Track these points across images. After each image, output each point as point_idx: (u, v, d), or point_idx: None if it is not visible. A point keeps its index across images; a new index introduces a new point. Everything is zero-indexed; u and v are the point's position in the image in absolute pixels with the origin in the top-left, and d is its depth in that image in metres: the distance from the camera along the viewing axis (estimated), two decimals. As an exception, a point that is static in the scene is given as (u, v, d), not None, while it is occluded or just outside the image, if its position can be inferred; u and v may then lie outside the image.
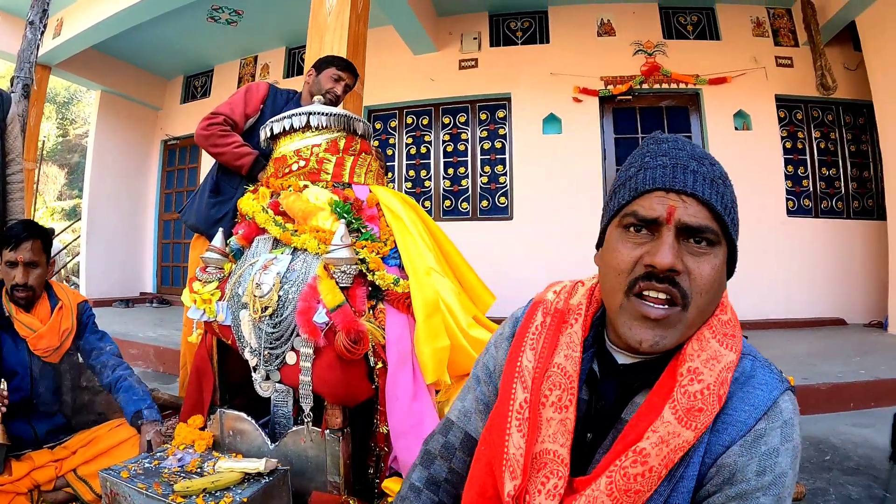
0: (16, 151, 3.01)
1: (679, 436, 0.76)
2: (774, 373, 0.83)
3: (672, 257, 0.78)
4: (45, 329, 2.24)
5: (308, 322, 1.76)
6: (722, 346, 0.82)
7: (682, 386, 0.78)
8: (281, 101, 2.92)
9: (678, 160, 0.83)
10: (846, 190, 6.10)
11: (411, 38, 6.48)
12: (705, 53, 6.15)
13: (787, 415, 0.79)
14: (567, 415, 0.86)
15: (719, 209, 0.81)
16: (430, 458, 1.08)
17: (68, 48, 6.69)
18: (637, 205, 0.84)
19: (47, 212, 16.44)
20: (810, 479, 2.50)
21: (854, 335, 5.19)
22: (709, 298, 0.82)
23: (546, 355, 0.92)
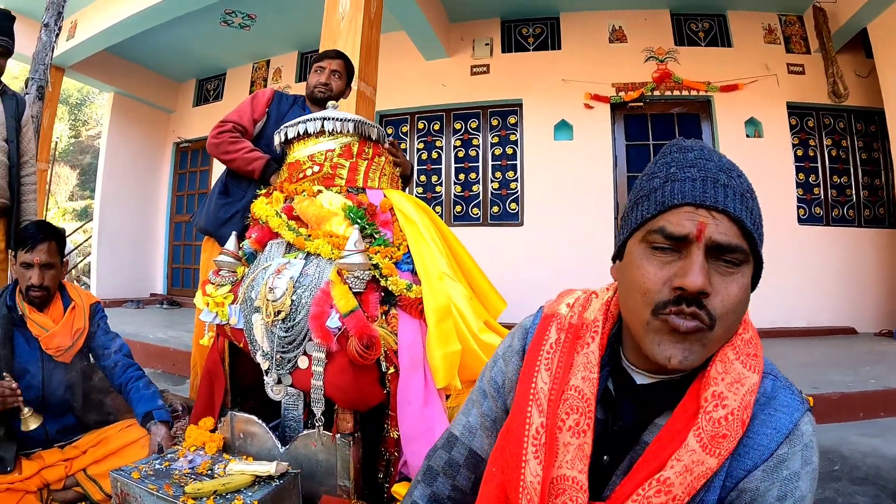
0: (30, 153, 3.07)
1: (703, 463, 0.74)
2: (796, 394, 0.82)
3: (703, 279, 0.75)
4: (58, 328, 2.26)
5: (321, 327, 1.77)
6: (745, 367, 0.80)
7: (707, 412, 0.76)
8: (286, 106, 2.95)
9: (707, 172, 0.80)
10: (857, 198, 6.05)
11: (423, 44, 6.50)
12: (717, 60, 6.12)
13: (807, 438, 0.77)
14: (585, 440, 0.83)
15: (749, 226, 0.78)
16: (433, 475, 1.05)
17: (82, 50, 6.76)
18: (664, 220, 0.80)
19: (59, 212, 16.55)
20: (819, 489, 2.47)
21: (864, 344, 5.14)
22: (735, 318, 0.80)
23: (562, 376, 0.89)
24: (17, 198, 2.97)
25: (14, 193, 2.96)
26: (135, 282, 8.48)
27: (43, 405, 2.24)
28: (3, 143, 2.90)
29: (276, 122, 2.79)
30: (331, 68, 2.94)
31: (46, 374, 2.26)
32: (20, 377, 2.19)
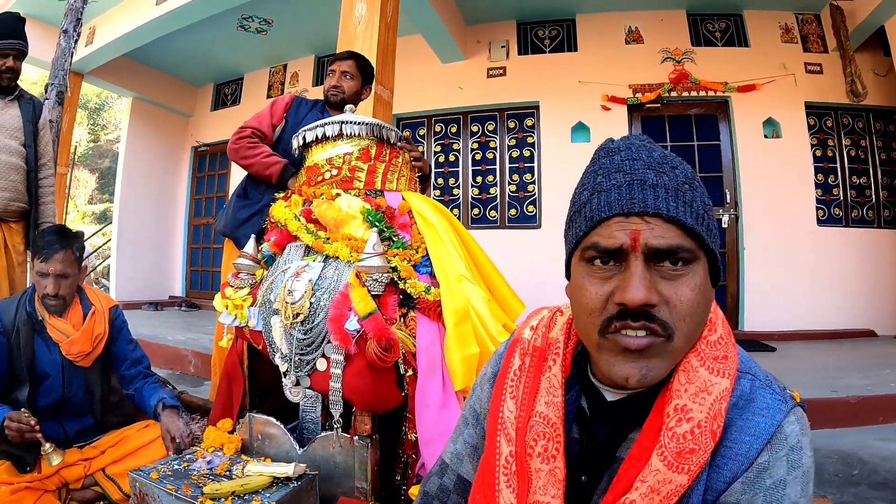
0: (47, 156, 3.11)
1: (671, 482, 0.70)
2: (776, 392, 0.76)
3: (644, 290, 0.70)
4: (79, 335, 2.27)
5: (339, 329, 1.77)
6: (712, 373, 0.74)
7: (670, 428, 0.72)
8: (304, 110, 2.95)
9: (634, 175, 0.75)
10: (877, 199, 5.96)
11: (440, 47, 6.49)
12: (734, 60, 6.05)
13: (792, 440, 0.72)
14: (556, 464, 0.81)
15: (690, 223, 0.73)
16: (429, 499, 1.04)
17: (100, 56, 6.83)
18: (596, 235, 0.76)
19: (78, 215, 16.73)
20: (837, 493, 2.46)
21: (884, 347, 5.05)
22: (695, 322, 0.74)
23: (528, 402, 0.87)
24: (35, 201, 3.02)
25: (32, 197, 3.00)
26: (153, 284, 8.55)
27: (62, 407, 2.28)
28: (20, 147, 2.96)
29: (294, 127, 2.79)
30: (341, 70, 2.93)
31: (67, 378, 2.28)
32: (41, 381, 2.23)
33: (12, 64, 2.92)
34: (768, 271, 5.74)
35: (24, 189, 2.96)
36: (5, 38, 2.88)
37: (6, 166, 2.88)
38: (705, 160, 6.03)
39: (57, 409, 2.26)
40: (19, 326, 2.20)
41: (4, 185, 2.88)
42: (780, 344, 5.22)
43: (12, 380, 2.18)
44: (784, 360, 4.58)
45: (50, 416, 2.24)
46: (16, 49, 2.91)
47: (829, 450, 2.94)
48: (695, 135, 6.11)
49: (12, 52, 2.91)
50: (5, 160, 2.88)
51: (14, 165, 2.92)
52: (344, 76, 2.92)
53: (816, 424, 3.24)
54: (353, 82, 2.93)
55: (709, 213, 0.78)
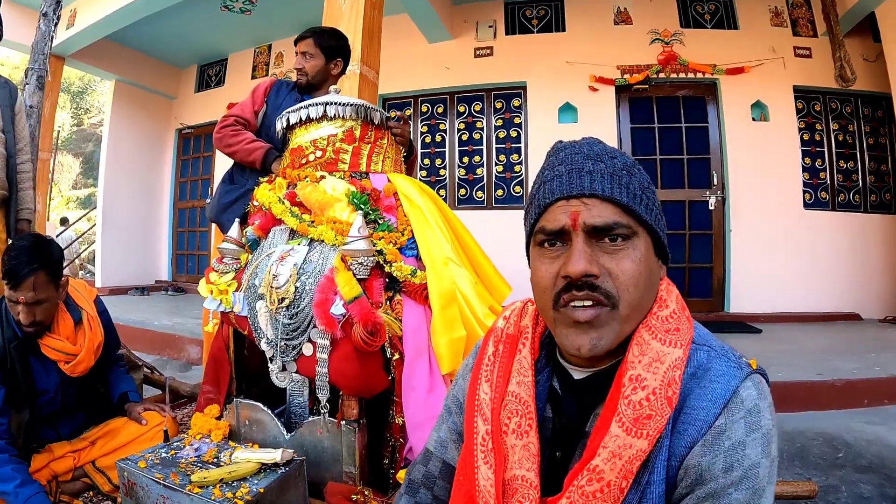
0: (24, 141, 3.01)
1: (631, 447, 0.74)
2: (732, 360, 0.80)
3: (584, 262, 0.78)
4: (84, 354, 2.14)
5: (325, 313, 1.76)
6: (665, 343, 0.79)
7: (626, 396, 0.76)
8: (284, 92, 2.89)
9: (573, 164, 0.84)
10: (864, 183, 5.99)
11: (426, 26, 6.43)
12: (723, 43, 6.04)
13: (749, 403, 0.75)
14: (529, 439, 0.86)
15: (625, 201, 0.80)
16: (415, 487, 1.08)
17: (82, 39, 6.71)
18: (543, 220, 0.84)
19: (62, 201, 16.59)
20: (822, 476, 2.49)
21: (870, 331, 5.11)
22: (639, 293, 0.80)
23: (501, 384, 0.93)
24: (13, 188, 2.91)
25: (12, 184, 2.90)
26: (139, 269, 8.51)
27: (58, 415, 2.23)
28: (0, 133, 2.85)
29: (275, 111, 2.75)
30: (300, 51, 2.83)
31: (64, 392, 2.20)
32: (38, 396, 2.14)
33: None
34: (755, 254, 5.78)
35: (3, 176, 2.84)
36: None
37: None
38: (693, 142, 6.04)
39: (53, 417, 2.22)
40: (10, 349, 2.02)
41: None
42: (766, 326, 5.27)
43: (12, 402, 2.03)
44: (770, 342, 4.62)
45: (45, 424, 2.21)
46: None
47: (814, 432, 2.97)
48: (683, 117, 6.10)
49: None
50: None
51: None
52: (304, 56, 2.82)
53: (802, 407, 3.28)
54: (314, 61, 2.82)
55: (648, 194, 0.84)
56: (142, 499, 1.70)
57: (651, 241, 0.84)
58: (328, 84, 2.79)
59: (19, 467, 1.88)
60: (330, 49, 2.83)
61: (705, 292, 5.94)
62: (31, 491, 1.82)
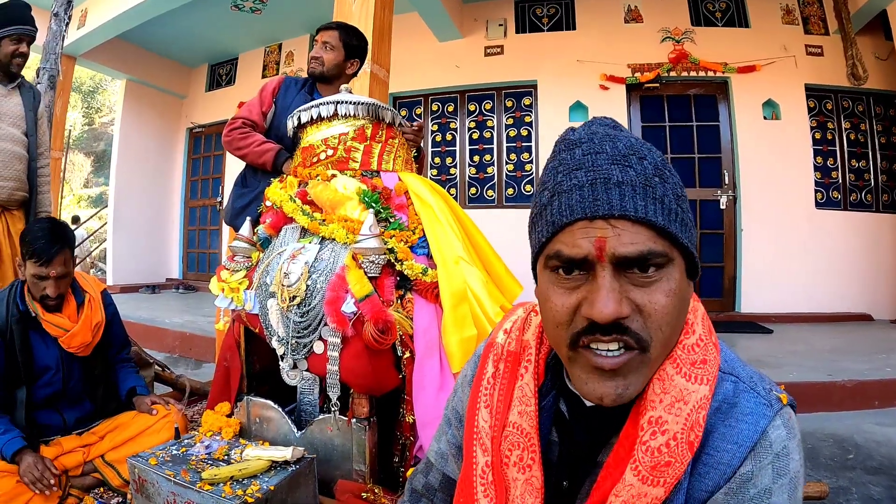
0: (44, 145, 3.13)
1: (646, 495, 0.67)
2: (761, 396, 0.71)
3: (614, 304, 0.64)
4: (79, 327, 2.25)
5: (336, 312, 1.76)
6: (689, 380, 0.70)
7: (644, 442, 0.68)
8: (293, 91, 2.87)
9: (597, 172, 0.68)
10: (876, 182, 5.94)
11: (436, 25, 6.43)
12: (734, 41, 6.00)
13: (778, 446, 0.67)
14: (532, 473, 0.78)
15: (661, 223, 0.66)
16: (416, 497, 1.04)
17: (93, 38, 6.74)
18: (559, 242, 0.69)
19: (74, 199, 16.69)
20: (833, 477, 2.47)
21: (880, 331, 5.07)
22: (671, 329, 0.69)
23: (502, 411, 0.84)
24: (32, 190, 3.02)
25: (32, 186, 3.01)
26: (150, 267, 8.54)
27: (62, 398, 2.28)
28: (23, 136, 2.96)
29: (283, 110, 2.75)
30: (321, 40, 2.81)
31: (66, 371, 2.28)
32: (40, 376, 2.22)
33: (26, 49, 2.93)
34: (766, 253, 5.74)
35: (25, 178, 2.97)
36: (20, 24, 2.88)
37: (10, 156, 2.88)
38: (704, 141, 6.01)
39: (56, 399, 2.27)
40: (12, 325, 2.16)
41: (9, 174, 2.88)
42: (777, 326, 5.23)
43: (11, 379, 2.15)
44: (781, 342, 4.59)
45: (49, 407, 2.25)
46: (29, 35, 2.92)
47: (824, 433, 2.95)
48: (694, 115, 6.07)
49: (26, 37, 2.91)
50: (10, 149, 2.88)
51: (18, 155, 2.92)
52: (325, 46, 2.80)
53: (812, 407, 3.26)
54: (333, 53, 2.80)
55: (682, 205, 0.71)
56: (152, 495, 1.71)
57: (684, 262, 0.71)
58: (339, 82, 2.77)
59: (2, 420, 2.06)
60: (352, 48, 2.83)
61: (716, 292, 5.90)
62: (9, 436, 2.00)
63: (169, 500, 1.67)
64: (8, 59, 2.88)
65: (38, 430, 2.18)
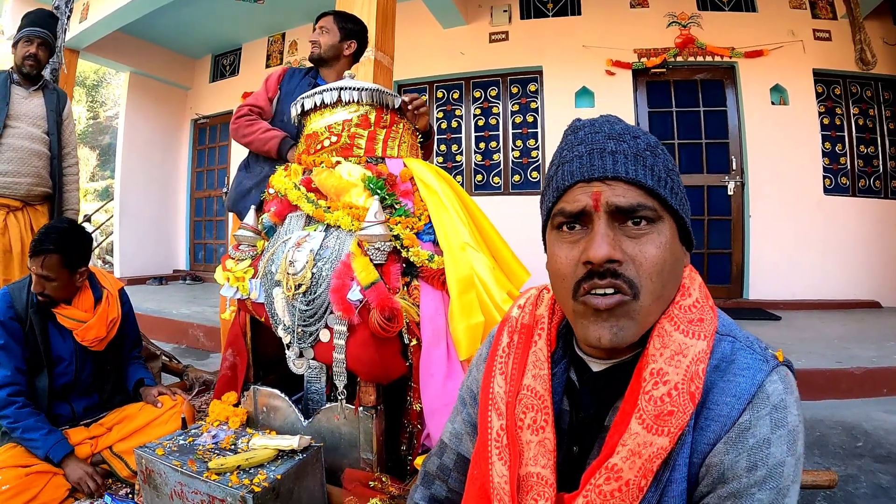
0: (71, 146, 3.35)
1: (652, 444, 0.70)
2: (757, 352, 0.76)
3: (607, 247, 0.73)
4: (94, 320, 2.29)
5: (342, 299, 1.75)
6: (687, 335, 0.75)
7: (647, 392, 0.73)
8: (297, 79, 2.93)
9: (594, 145, 0.78)
10: (884, 168, 5.88)
11: (440, 12, 6.39)
12: (741, 25, 5.92)
13: (775, 398, 0.71)
14: (545, 435, 0.82)
15: (650, 183, 0.75)
16: (430, 479, 1.07)
17: (95, 32, 6.70)
18: (562, 202, 0.79)
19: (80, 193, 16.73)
20: (842, 465, 2.46)
21: (889, 319, 5.04)
22: (662, 281, 0.75)
23: (516, 377, 0.89)
24: (58, 188, 3.21)
25: (56, 183, 3.20)
26: (157, 259, 8.56)
27: (73, 388, 2.31)
28: (44, 135, 3.15)
29: (287, 97, 2.79)
30: (319, 26, 2.89)
31: (80, 363, 2.31)
32: (55, 365, 2.25)
33: (35, 51, 3.08)
34: (774, 239, 5.70)
35: (46, 174, 3.15)
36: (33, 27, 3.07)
37: (28, 153, 3.06)
38: (711, 126, 5.95)
39: (67, 390, 2.30)
40: (31, 314, 2.21)
41: (27, 170, 3.06)
42: (785, 313, 5.21)
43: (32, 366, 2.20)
44: (789, 329, 4.57)
45: (59, 397, 2.28)
46: (40, 37, 3.08)
47: (833, 421, 2.94)
48: (701, 101, 6.02)
49: (37, 38, 3.07)
50: (28, 146, 3.06)
51: (36, 152, 3.09)
52: (321, 31, 2.88)
53: (821, 395, 3.25)
54: (328, 36, 2.86)
55: (673, 177, 0.79)
56: (159, 486, 1.71)
57: (676, 226, 0.79)
58: (340, 65, 2.86)
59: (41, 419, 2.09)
60: (346, 30, 2.87)
61: (724, 278, 5.87)
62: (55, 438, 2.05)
63: (176, 490, 1.67)
64: (21, 61, 3.07)
65: (50, 420, 2.19)
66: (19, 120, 3.04)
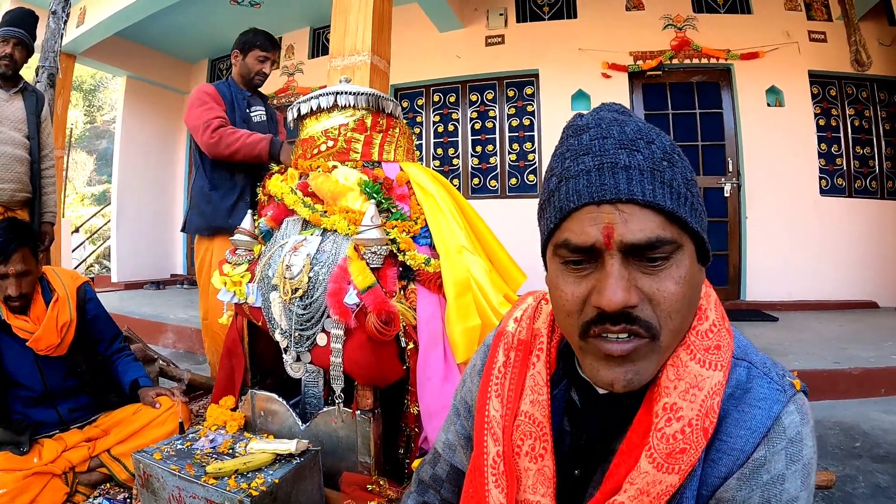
0: (48, 147, 3.27)
1: (661, 483, 0.66)
2: (774, 381, 0.71)
3: (622, 293, 0.64)
4: (41, 330, 2.19)
5: (339, 303, 1.75)
6: (704, 366, 0.69)
7: (659, 429, 0.68)
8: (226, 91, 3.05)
9: (604, 156, 0.67)
10: (880, 169, 5.90)
11: (437, 16, 6.41)
12: (736, 27, 5.96)
13: (791, 432, 0.67)
14: (544, 463, 0.78)
15: (670, 207, 0.65)
16: (424, 488, 1.04)
17: (92, 36, 6.70)
18: (567, 230, 0.69)
19: (77, 198, 16.70)
20: (839, 465, 2.46)
21: (886, 319, 5.04)
22: (682, 316, 0.69)
23: (513, 400, 0.83)
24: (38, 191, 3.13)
25: (36, 187, 3.12)
26: (155, 263, 8.54)
27: (50, 396, 2.26)
28: (24, 139, 3.07)
29: (230, 107, 2.95)
30: (272, 59, 3.14)
31: (45, 372, 2.24)
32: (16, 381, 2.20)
33: (10, 51, 3.01)
34: (770, 241, 5.72)
35: (27, 179, 3.07)
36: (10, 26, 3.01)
37: (11, 158, 2.98)
38: (707, 128, 5.98)
39: (45, 398, 2.25)
40: None
41: (10, 176, 2.98)
42: (783, 314, 5.22)
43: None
44: (786, 330, 4.58)
45: (40, 404, 2.24)
46: (16, 37, 3.01)
47: (831, 421, 2.94)
48: (697, 103, 6.04)
49: (12, 38, 3.00)
50: (10, 152, 2.98)
51: (18, 157, 3.02)
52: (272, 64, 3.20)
53: (819, 396, 3.25)
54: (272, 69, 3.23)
55: (692, 189, 0.70)
56: (157, 490, 1.71)
57: (695, 248, 0.70)
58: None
59: None
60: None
61: (721, 280, 5.88)
62: None
63: (174, 495, 1.67)
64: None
65: (35, 427, 2.17)
66: (1, 124, 2.98)
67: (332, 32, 3.07)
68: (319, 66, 7.37)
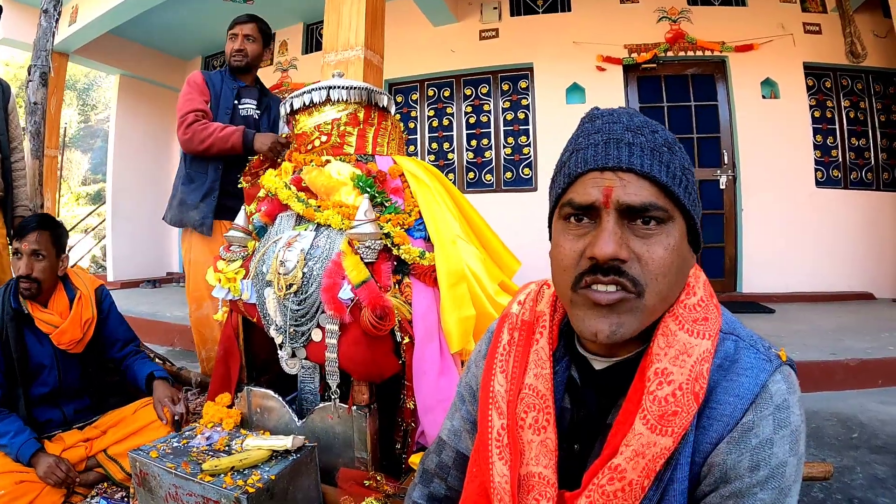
0: (17, 140, 3.13)
1: (655, 444, 0.70)
2: (760, 352, 0.76)
3: (614, 245, 0.71)
4: (67, 324, 2.25)
5: (333, 299, 1.75)
6: (692, 335, 0.75)
7: (651, 392, 0.72)
8: (217, 81, 3.01)
9: (612, 134, 0.76)
10: (876, 161, 5.91)
11: (430, 10, 6.39)
12: (731, 20, 5.94)
13: (778, 398, 0.72)
14: (547, 435, 0.82)
15: (664, 180, 0.73)
16: (429, 477, 1.06)
17: (85, 34, 6.66)
18: (572, 192, 0.77)
19: (72, 197, 16.65)
20: (837, 456, 2.46)
21: (883, 310, 5.05)
22: (668, 282, 0.74)
23: (517, 376, 0.88)
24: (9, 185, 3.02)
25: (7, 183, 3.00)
26: (151, 261, 8.52)
27: (60, 393, 2.28)
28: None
29: (216, 98, 2.91)
30: (243, 33, 3.00)
31: (62, 367, 2.28)
32: (37, 373, 2.22)
33: None
34: (767, 233, 5.72)
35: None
36: None
37: None
38: (702, 121, 5.97)
39: (54, 395, 2.27)
40: (6, 322, 2.17)
41: None
42: (779, 306, 5.22)
43: (11, 377, 2.17)
44: (783, 321, 4.58)
45: (47, 402, 2.25)
46: None
47: (828, 412, 2.95)
48: (692, 95, 6.03)
49: None
50: None
51: None
52: (247, 39, 3.00)
53: (816, 387, 3.25)
54: (255, 45, 3.04)
55: (688, 177, 0.77)
56: (154, 488, 1.71)
57: (686, 227, 0.78)
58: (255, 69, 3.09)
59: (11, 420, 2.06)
60: (267, 36, 3.09)
61: (717, 272, 5.89)
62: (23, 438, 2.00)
63: (171, 493, 1.67)
64: None
65: (40, 426, 2.18)
66: None
67: (326, 28, 3.05)
68: (313, 62, 7.34)
